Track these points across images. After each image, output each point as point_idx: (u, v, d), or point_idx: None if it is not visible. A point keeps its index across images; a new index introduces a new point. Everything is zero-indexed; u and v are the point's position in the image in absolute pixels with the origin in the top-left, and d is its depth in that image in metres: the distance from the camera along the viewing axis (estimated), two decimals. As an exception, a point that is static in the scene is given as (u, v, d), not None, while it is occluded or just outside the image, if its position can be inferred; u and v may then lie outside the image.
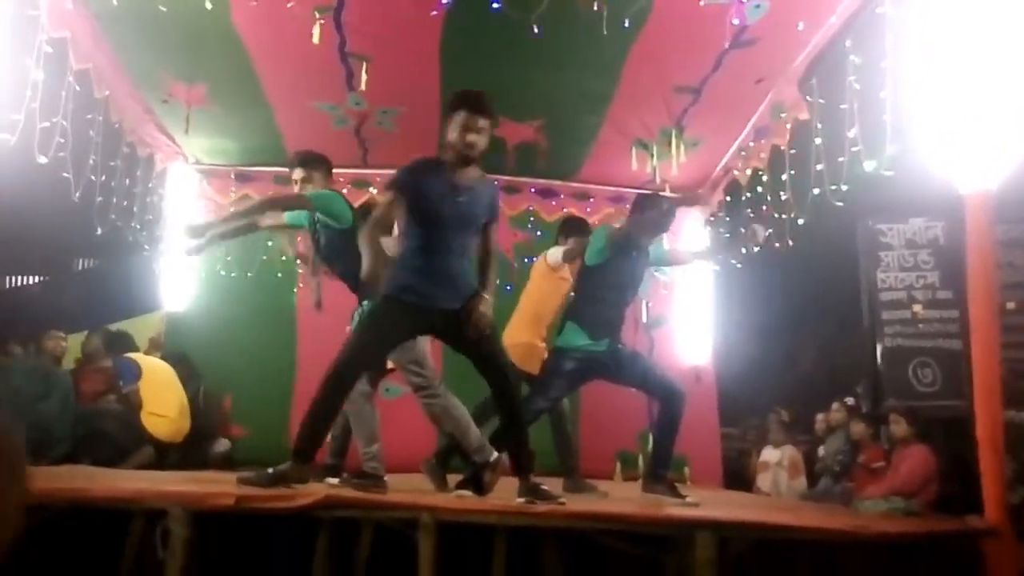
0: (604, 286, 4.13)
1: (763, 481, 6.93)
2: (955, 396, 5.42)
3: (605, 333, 4.13)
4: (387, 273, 3.61)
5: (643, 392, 4.32)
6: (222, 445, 6.07)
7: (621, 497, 4.29)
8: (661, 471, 4.11)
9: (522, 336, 4.94)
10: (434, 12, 4.60)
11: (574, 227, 5.13)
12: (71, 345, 6.28)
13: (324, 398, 3.42)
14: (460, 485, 3.73)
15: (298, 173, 4.22)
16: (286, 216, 4.26)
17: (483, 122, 3.41)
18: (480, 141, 3.42)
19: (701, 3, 4.41)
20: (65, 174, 4.89)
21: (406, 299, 3.42)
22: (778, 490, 6.77)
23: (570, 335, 4.13)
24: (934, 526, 3.65)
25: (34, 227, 8.45)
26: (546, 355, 4.65)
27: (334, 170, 6.82)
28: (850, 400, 6.46)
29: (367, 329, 3.52)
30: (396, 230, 3.82)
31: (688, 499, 3.94)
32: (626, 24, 4.46)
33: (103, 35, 4.95)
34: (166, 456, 5.50)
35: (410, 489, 3.77)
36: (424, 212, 3.42)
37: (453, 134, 3.40)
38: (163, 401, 5.60)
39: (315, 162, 4.25)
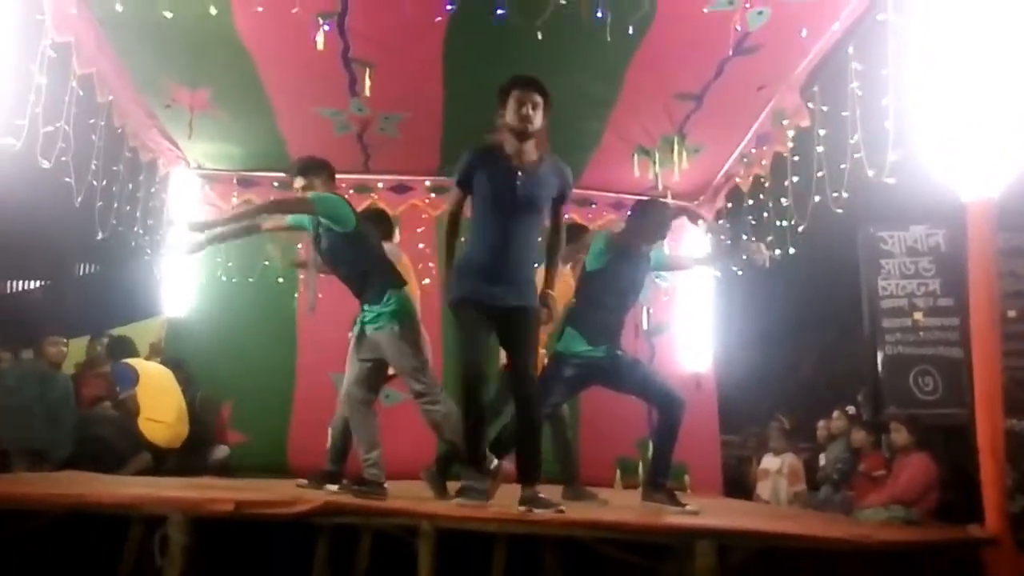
0: (604, 292, 4.12)
1: (763, 489, 6.91)
2: (956, 404, 5.40)
3: (605, 339, 4.13)
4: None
5: (642, 400, 4.30)
6: (221, 451, 6.06)
7: (621, 505, 4.28)
8: (660, 479, 4.10)
9: None
10: (438, 18, 4.61)
11: (573, 233, 5.13)
12: (72, 350, 6.28)
13: (466, 411, 3.53)
14: (460, 492, 3.71)
15: (299, 182, 4.20)
16: (288, 219, 4.25)
17: (537, 97, 3.48)
18: (535, 116, 3.48)
19: (705, 10, 4.42)
20: (67, 179, 4.89)
21: (472, 299, 3.50)
22: (778, 498, 6.75)
23: (569, 341, 4.11)
24: (935, 535, 3.64)
25: (36, 232, 8.46)
26: (546, 361, 4.65)
27: (336, 176, 6.85)
28: (851, 409, 6.45)
29: (461, 338, 3.56)
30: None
31: (688, 507, 3.92)
32: (629, 31, 4.47)
33: (107, 40, 4.96)
34: (164, 462, 5.50)
35: (410, 496, 3.76)
36: (486, 200, 3.49)
37: (509, 114, 3.47)
38: (161, 406, 5.60)
39: (315, 168, 4.24)
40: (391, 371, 4.27)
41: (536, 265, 3.75)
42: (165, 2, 4.37)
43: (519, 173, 3.49)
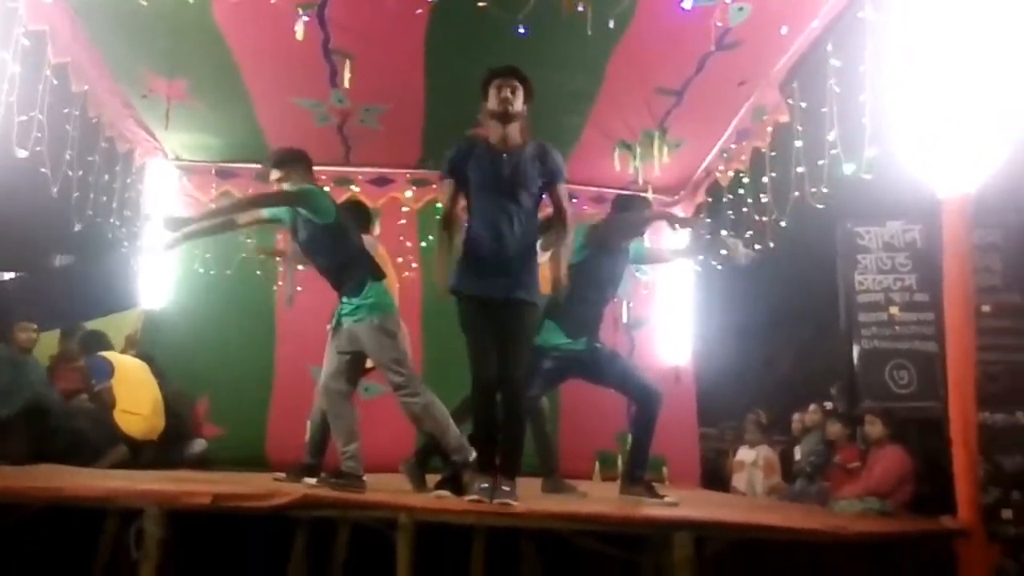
0: (583, 285, 4.11)
1: (739, 481, 6.98)
2: (930, 398, 5.47)
3: (584, 332, 4.14)
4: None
5: (620, 393, 4.32)
6: (198, 445, 6.02)
7: (600, 497, 4.30)
8: (638, 472, 4.12)
9: None
10: (419, 10, 4.59)
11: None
12: (46, 342, 6.19)
13: (479, 421, 3.58)
14: (439, 485, 3.71)
15: (275, 174, 4.17)
16: (265, 212, 4.22)
17: (516, 83, 3.52)
18: (515, 100, 3.51)
19: (685, 5, 4.43)
20: (43, 169, 4.83)
21: (472, 295, 3.52)
22: (753, 490, 6.82)
23: (548, 333, 4.11)
24: (908, 526, 3.70)
25: (10, 222, 8.31)
26: None
27: (316, 168, 6.81)
28: (828, 404, 6.52)
29: (467, 336, 3.58)
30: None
31: (667, 499, 3.95)
32: (610, 25, 4.48)
33: (82, 29, 4.90)
34: (140, 455, 5.44)
35: (388, 489, 3.75)
36: (476, 188, 3.52)
37: (490, 101, 3.51)
38: (136, 399, 5.55)
39: (292, 160, 4.21)
40: (369, 364, 4.26)
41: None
42: (141, -10, 4.33)
43: (504, 156, 3.50)
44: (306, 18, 4.63)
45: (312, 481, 4.21)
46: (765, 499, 6.29)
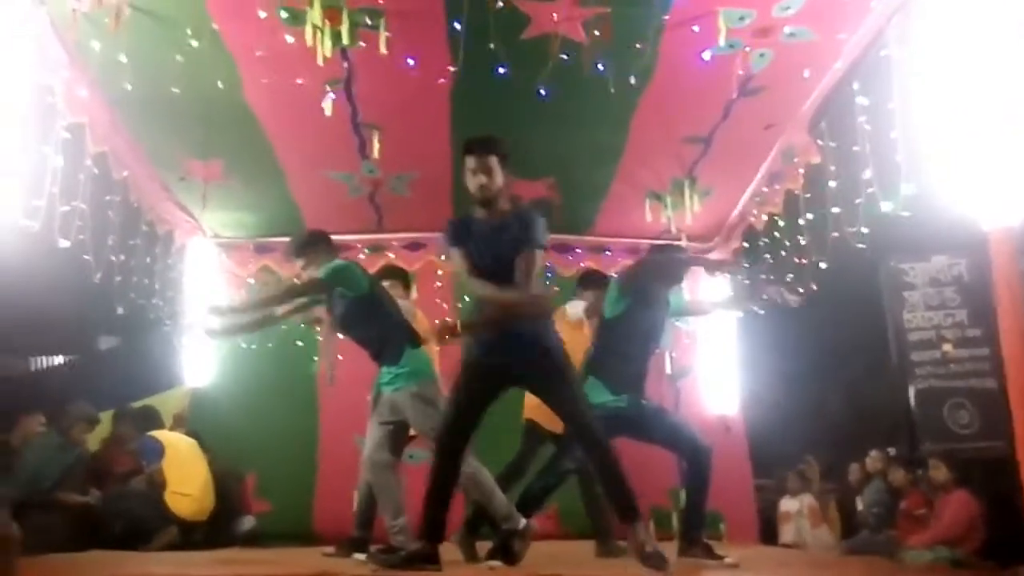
0: (624, 339, 4.05)
1: (787, 533, 6.77)
2: (994, 437, 5.26)
3: (628, 388, 4.05)
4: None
5: (670, 450, 4.20)
6: (247, 522, 5.98)
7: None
8: (695, 532, 3.98)
9: None
10: (441, 80, 4.66)
11: (592, 280, 5.08)
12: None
13: (435, 467, 3.44)
14: (490, 555, 3.63)
15: (299, 263, 4.24)
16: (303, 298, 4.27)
17: (489, 160, 3.42)
18: (493, 181, 3.42)
19: (706, 55, 4.44)
20: (86, 256, 4.95)
21: (473, 353, 3.48)
22: (803, 540, 6.60)
23: (592, 392, 4.01)
24: (984, 577, 3.50)
25: (57, 308, 8.55)
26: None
27: (350, 237, 6.90)
28: (891, 450, 6.30)
29: (453, 400, 3.51)
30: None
31: (727, 560, 3.80)
32: (632, 81, 4.50)
33: (119, 118, 5.06)
34: (191, 535, 5.42)
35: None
36: (470, 267, 3.45)
37: (469, 183, 3.46)
38: (186, 479, 5.55)
39: (310, 244, 4.25)
40: (412, 431, 4.22)
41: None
42: (173, 79, 4.46)
43: (491, 231, 3.44)
44: (333, 95, 4.73)
45: (361, 557, 4.15)
46: (825, 552, 6.04)
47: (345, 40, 4.17)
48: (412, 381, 3.95)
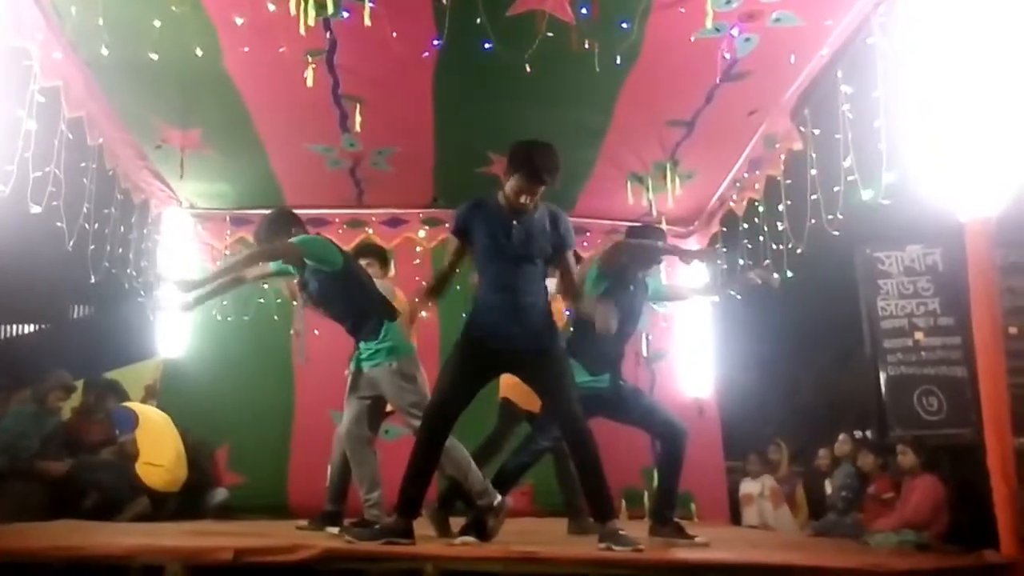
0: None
1: (750, 514, 6.89)
2: (961, 424, 5.35)
3: (606, 368, 4.07)
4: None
5: (645, 431, 4.23)
6: (220, 495, 5.97)
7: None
8: (667, 512, 4.03)
9: None
10: (426, 53, 4.61)
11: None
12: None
13: (419, 444, 3.49)
14: (463, 531, 3.65)
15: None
16: (271, 265, 4.21)
17: (539, 188, 3.45)
18: (533, 201, 3.48)
19: (692, 38, 4.43)
20: (58, 223, 4.86)
21: (475, 335, 3.53)
22: (765, 521, 6.73)
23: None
24: (948, 562, 3.57)
25: (29, 276, 8.41)
26: None
27: (330, 211, 6.84)
28: (858, 433, 6.40)
29: (445, 373, 3.57)
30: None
31: (697, 539, 3.85)
32: (617, 61, 4.49)
33: (95, 83, 4.96)
34: (162, 506, 5.40)
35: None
36: (484, 249, 3.52)
37: (513, 186, 3.45)
38: (159, 451, 5.52)
39: (277, 225, 4.19)
40: (389, 407, 4.22)
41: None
42: (151, 44, 4.37)
43: (514, 221, 3.49)
44: (315, 65, 4.67)
45: (335, 530, 4.15)
46: (797, 536, 6.14)
47: (330, 10, 4.11)
48: (392, 356, 3.94)
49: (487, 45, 4.31)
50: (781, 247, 5.62)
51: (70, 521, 4.62)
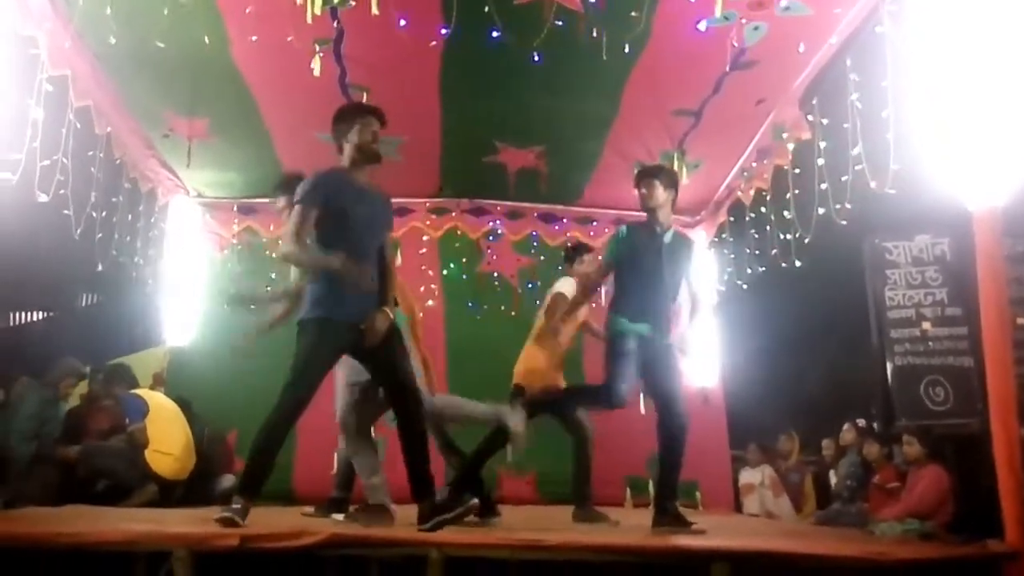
0: (629, 277, 4.13)
1: (751, 503, 6.91)
2: (967, 414, 5.33)
3: (646, 319, 4.09)
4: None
5: (656, 402, 4.18)
6: (227, 481, 6.00)
7: (633, 526, 4.22)
8: (667, 504, 4.03)
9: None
10: (433, 42, 4.60)
11: (577, 251, 5.16)
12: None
13: (265, 426, 3.64)
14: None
15: (282, 201, 4.21)
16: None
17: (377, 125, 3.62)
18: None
19: (700, 27, 4.41)
20: (66, 211, 4.88)
21: (319, 316, 3.51)
22: (767, 510, 6.75)
23: (615, 323, 4.10)
24: (954, 551, 3.57)
25: (36, 264, 8.45)
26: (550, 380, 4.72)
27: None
28: (861, 421, 6.40)
29: (298, 358, 3.61)
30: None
31: (695, 526, 3.86)
32: (626, 49, 4.47)
33: (103, 72, 4.97)
34: (170, 494, 5.44)
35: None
36: (335, 220, 3.50)
37: (355, 137, 3.58)
38: (169, 439, 5.55)
39: (292, 184, 4.21)
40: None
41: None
42: (159, 33, 4.38)
43: (365, 197, 3.63)
44: (322, 54, 4.67)
45: (340, 517, 4.17)
46: (802, 524, 6.15)
47: (336, -1, 4.11)
48: None
49: (495, 33, 4.30)
50: (789, 236, 5.61)
51: (77, 506, 4.65)
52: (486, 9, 4.12)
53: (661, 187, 4.17)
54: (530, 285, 6.95)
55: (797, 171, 5.40)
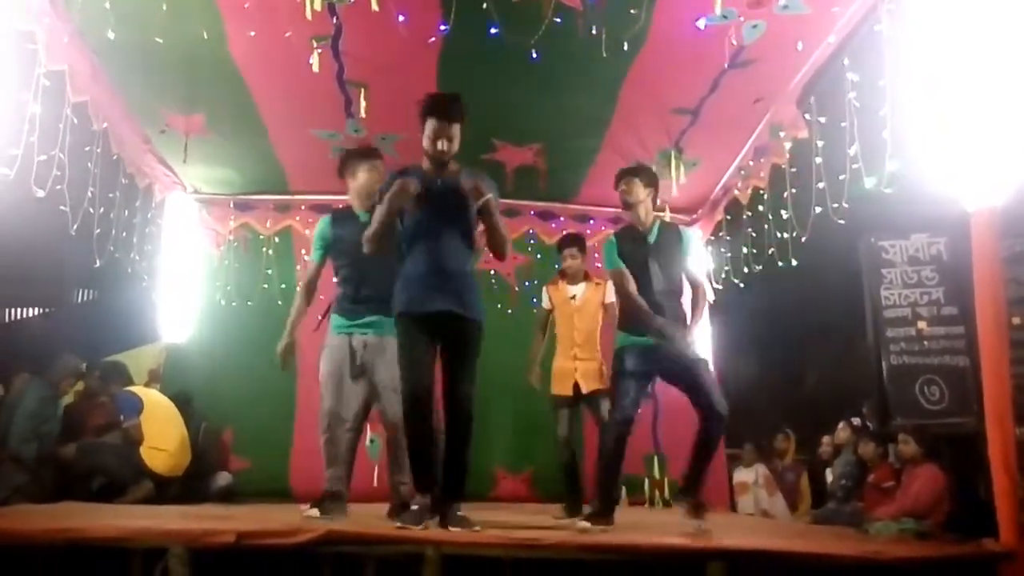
0: (639, 287, 4.09)
1: (745, 503, 6.92)
2: (963, 413, 5.36)
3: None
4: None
5: (690, 397, 4.20)
6: (223, 479, 6.00)
7: (628, 524, 4.22)
8: (694, 488, 4.08)
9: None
10: (432, 39, 4.59)
11: (564, 242, 5.27)
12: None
13: (408, 429, 3.54)
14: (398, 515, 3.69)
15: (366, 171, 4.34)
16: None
17: (454, 129, 3.59)
18: (452, 146, 3.60)
19: (700, 25, 4.41)
20: (63, 207, 4.87)
21: (408, 311, 3.50)
22: (761, 508, 6.76)
23: (622, 338, 4.15)
24: (950, 550, 3.58)
25: (32, 260, 8.43)
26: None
27: (334, 197, 6.86)
28: (856, 420, 6.41)
29: (400, 357, 3.55)
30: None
31: (702, 526, 3.87)
32: (624, 47, 4.46)
33: (100, 67, 4.95)
34: (166, 490, 5.43)
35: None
36: (407, 216, 3.54)
37: (425, 142, 3.59)
38: (164, 435, 5.55)
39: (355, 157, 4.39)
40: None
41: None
42: (157, 28, 4.36)
43: (436, 185, 3.57)
44: (320, 50, 4.66)
45: (309, 510, 4.21)
46: (797, 523, 6.16)
47: (336, -6, 4.10)
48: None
49: (493, 30, 4.30)
50: (785, 235, 5.61)
51: (73, 503, 4.65)
52: (485, 6, 4.12)
53: (640, 184, 4.24)
54: (527, 283, 6.95)
55: (794, 170, 5.40)
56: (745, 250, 6.26)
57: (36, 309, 11.52)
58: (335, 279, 4.39)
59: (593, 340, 5.11)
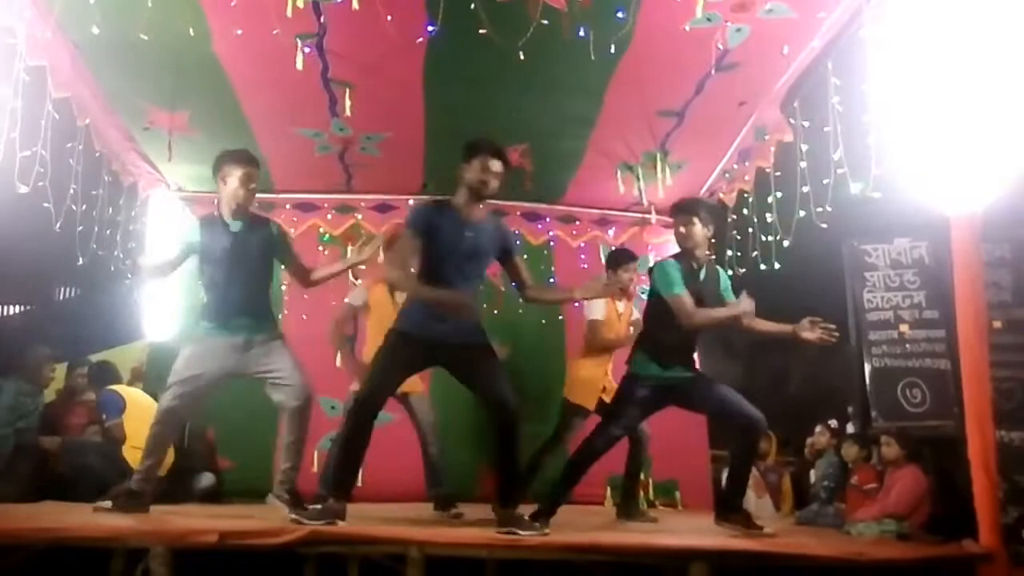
0: (671, 314, 4.06)
1: None
2: (943, 416, 5.39)
3: (677, 360, 4.13)
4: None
5: (718, 421, 4.25)
6: (206, 479, 5.96)
7: (608, 524, 4.24)
8: (736, 501, 4.09)
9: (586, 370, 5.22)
10: (419, 39, 4.59)
11: (619, 258, 5.28)
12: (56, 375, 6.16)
13: (348, 430, 3.67)
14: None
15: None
16: None
17: (501, 173, 3.80)
18: (495, 188, 3.81)
19: (685, 27, 4.42)
20: (45, 204, 4.83)
21: (409, 332, 3.67)
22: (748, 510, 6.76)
23: (641, 363, 4.14)
24: (929, 551, 3.62)
25: (14, 257, 8.36)
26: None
27: (318, 196, 6.84)
28: (833, 422, 6.46)
29: (379, 365, 3.70)
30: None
31: (765, 530, 3.89)
32: (611, 50, 4.48)
33: (82, 63, 4.91)
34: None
35: (397, 520, 3.70)
36: (434, 249, 3.72)
37: (471, 174, 3.73)
38: (146, 434, 5.49)
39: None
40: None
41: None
42: (142, 24, 4.32)
43: (468, 228, 3.77)
44: (306, 49, 4.64)
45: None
46: (779, 523, 6.19)
47: (320, -8, 4.08)
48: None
49: (480, 31, 4.29)
50: (769, 239, 5.65)
51: (53, 502, 4.61)
52: (471, 6, 4.11)
53: (700, 225, 4.17)
54: (513, 284, 6.94)
55: (779, 173, 5.44)
56: (730, 253, 6.28)
57: (17, 306, 11.43)
58: (200, 283, 4.38)
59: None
